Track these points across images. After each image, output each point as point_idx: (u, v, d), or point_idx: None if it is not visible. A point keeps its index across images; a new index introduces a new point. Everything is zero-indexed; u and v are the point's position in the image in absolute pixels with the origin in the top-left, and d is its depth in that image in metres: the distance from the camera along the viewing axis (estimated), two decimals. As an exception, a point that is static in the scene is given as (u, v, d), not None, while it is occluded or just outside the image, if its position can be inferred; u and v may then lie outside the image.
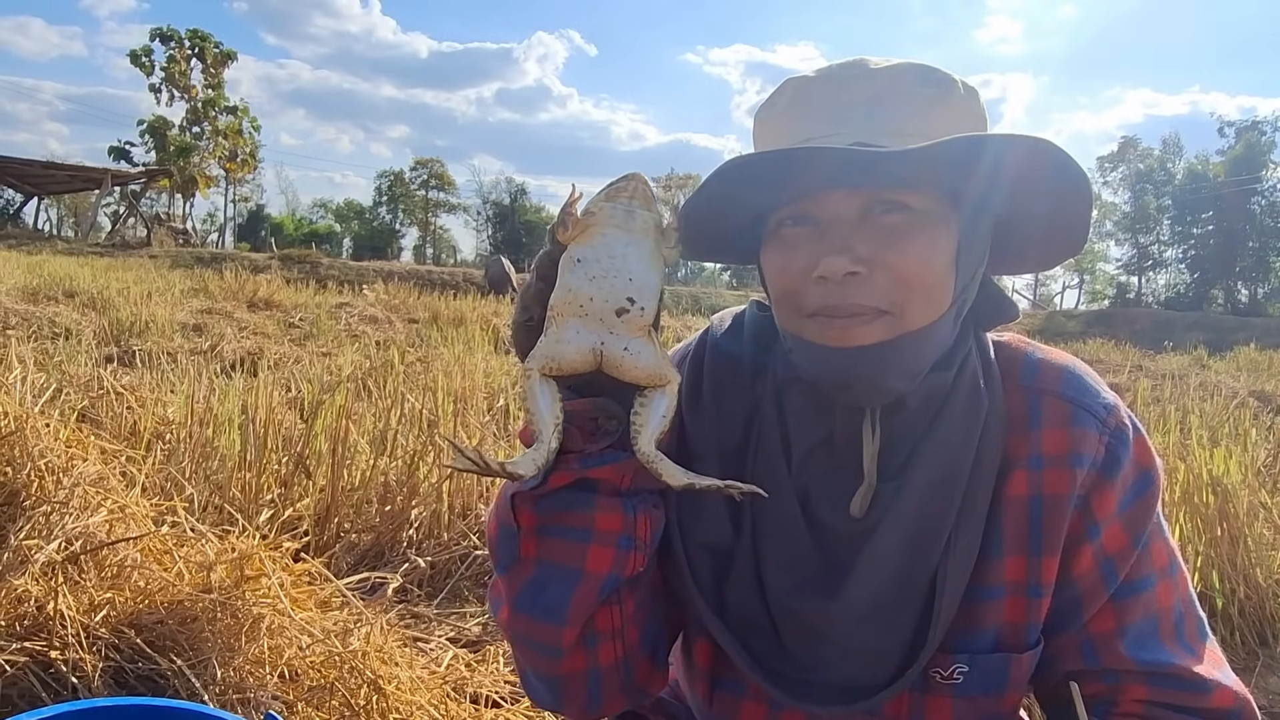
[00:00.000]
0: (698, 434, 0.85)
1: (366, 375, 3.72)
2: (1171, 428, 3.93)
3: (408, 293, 14.75)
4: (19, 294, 9.28)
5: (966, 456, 0.78)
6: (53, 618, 1.28)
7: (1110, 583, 0.79)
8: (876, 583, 0.77)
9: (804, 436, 0.81)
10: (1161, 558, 0.81)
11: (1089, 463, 0.78)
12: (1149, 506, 0.81)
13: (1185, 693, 0.78)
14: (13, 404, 1.63)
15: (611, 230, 0.66)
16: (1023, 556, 0.78)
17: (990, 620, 0.79)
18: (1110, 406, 0.81)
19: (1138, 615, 0.80)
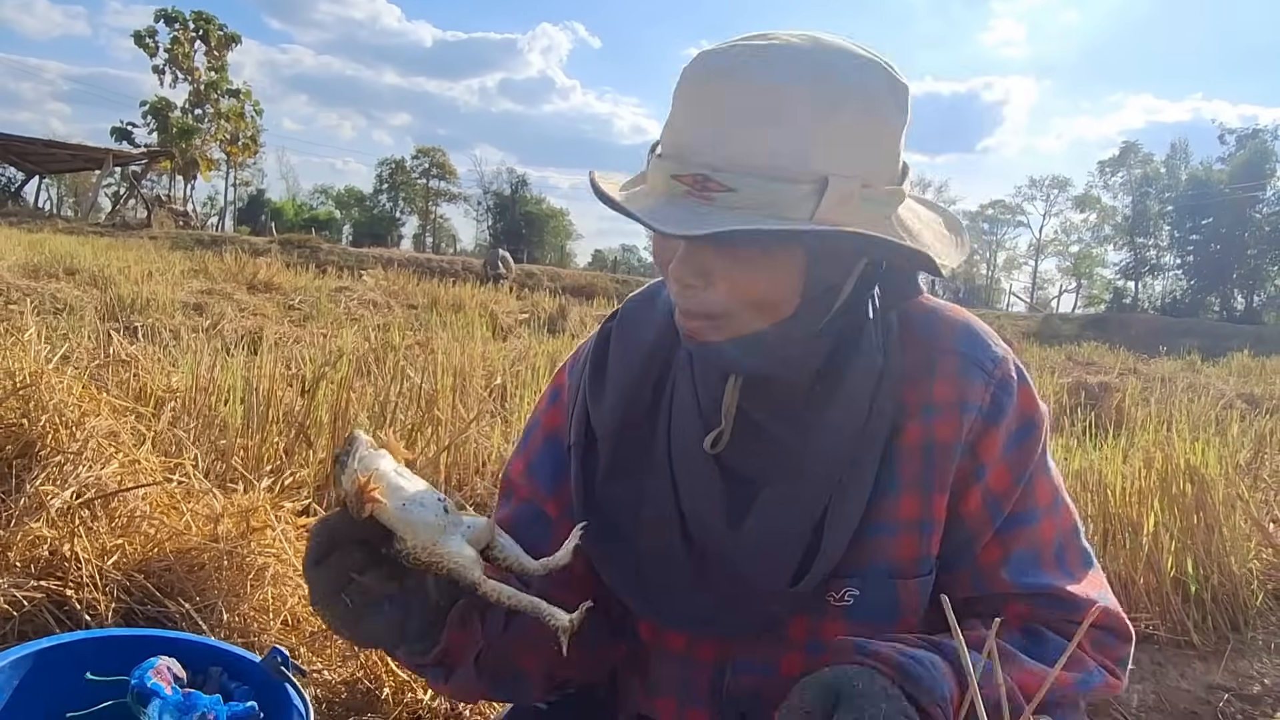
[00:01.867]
0: (599, 418, 0.95)
1: (368, 354, 3.77)
2: (1156, 425, 4.00)
3: (407, 279, 14.79)
4: (20, 270, 9.31)
5: (858, 417, 0.87)
6: (68, 559, 1.34)
7: (995, 518, 0.88)
8: (773, 518, 0.87)
9: (707, 388, 0.92)
10: (1045, 495, 0.90)
11: (975, 410, 0.87)
12: (1031, 449, 0.89)
13: (1060, 610, 0.87)
14: (28, 359, 1.68)
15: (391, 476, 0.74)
16: (917, 495, 0.87)
17: (884, 553, 0.87)
18: (997, 359, 0.90)
19: (1020, 546, 0.88)
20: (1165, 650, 2.32)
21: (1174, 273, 51.34)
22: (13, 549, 1.36)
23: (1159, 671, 2.25)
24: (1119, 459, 2.82)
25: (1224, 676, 2.26)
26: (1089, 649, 0.88)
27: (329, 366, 2.70)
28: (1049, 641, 0.87)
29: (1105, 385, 5.99)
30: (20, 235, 14.56)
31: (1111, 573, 2.38)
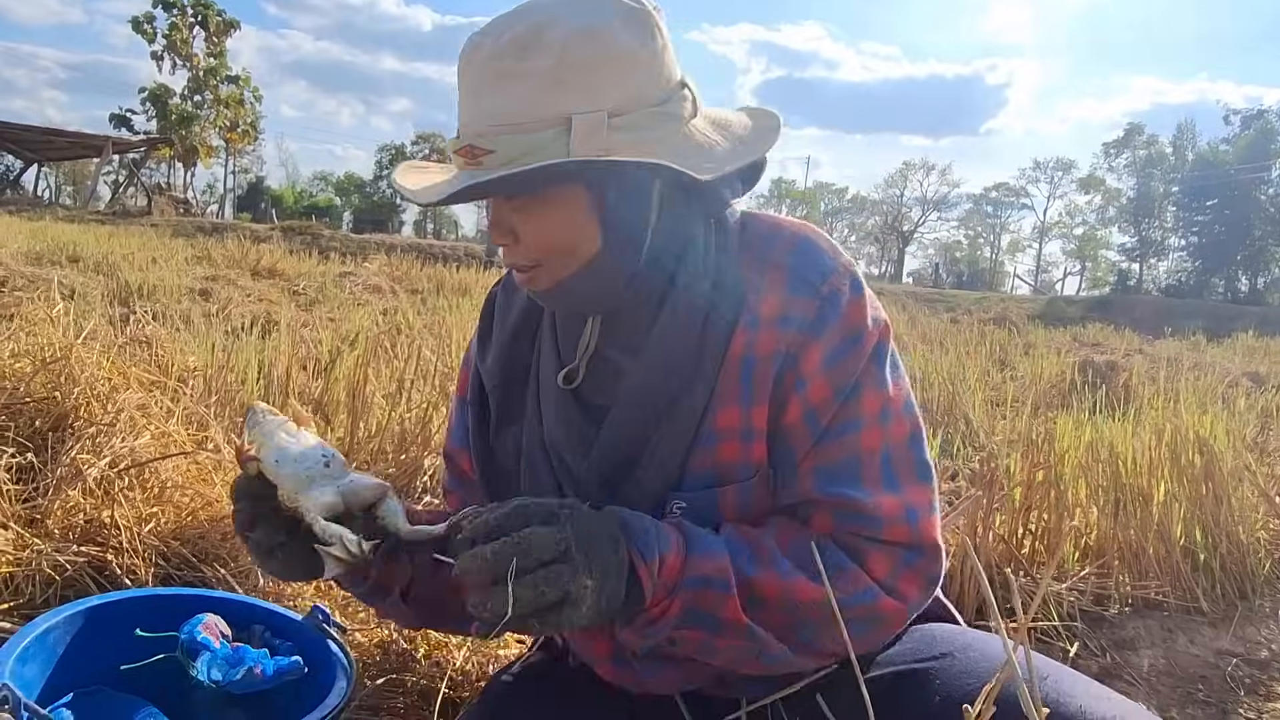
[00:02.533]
0: (486, 374, 1.05)
1: (381, 334, 3.80)
2: (1162, 403, 4.03)
3: (410, 264, 14.78)
4: (24, 258, 9.32)
5: (689, 336, 0.91)
6: (107, 526, 1.37)
7: (813, 430, 0.90)
8: (613, 443, 0.93)
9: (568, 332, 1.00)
10: (871, 406, 0.90)
11: (796, 324, 0.89)
12: (855, 362, 0.90)
13: (858, 524, 0.88)
14: (57, 334, 1.71)
15: (272, 438, 0.89)
16: (736, 406, 0.90)
17: (705, 463, 0.92)
18: (827, 273, 0.91)
19: (835, 456, 0.90)
20: (1175, 617, 2.35)
21: (1178, 254, 51.22)
22: (51, 517, 1.39)
23: (1169, 638, 2.28)
24: (1129, 432, 2.85)
25: (1232, 642, 2.29)
26: (884, 569, 0.88)
27: (346, 345, 2.72)
28: (830, 552, 0.88)
29: (1112, 364, 6.01)
30: (21, 223, 14.56)
31: (1122, 541, 2.41)
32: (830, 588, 0.84)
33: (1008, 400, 4.22)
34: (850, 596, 0.86)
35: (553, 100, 0.82)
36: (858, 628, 0.85)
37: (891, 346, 0.95)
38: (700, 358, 0.91)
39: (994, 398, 4.77)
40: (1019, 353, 8.30)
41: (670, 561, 0.82)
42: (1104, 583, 2.38)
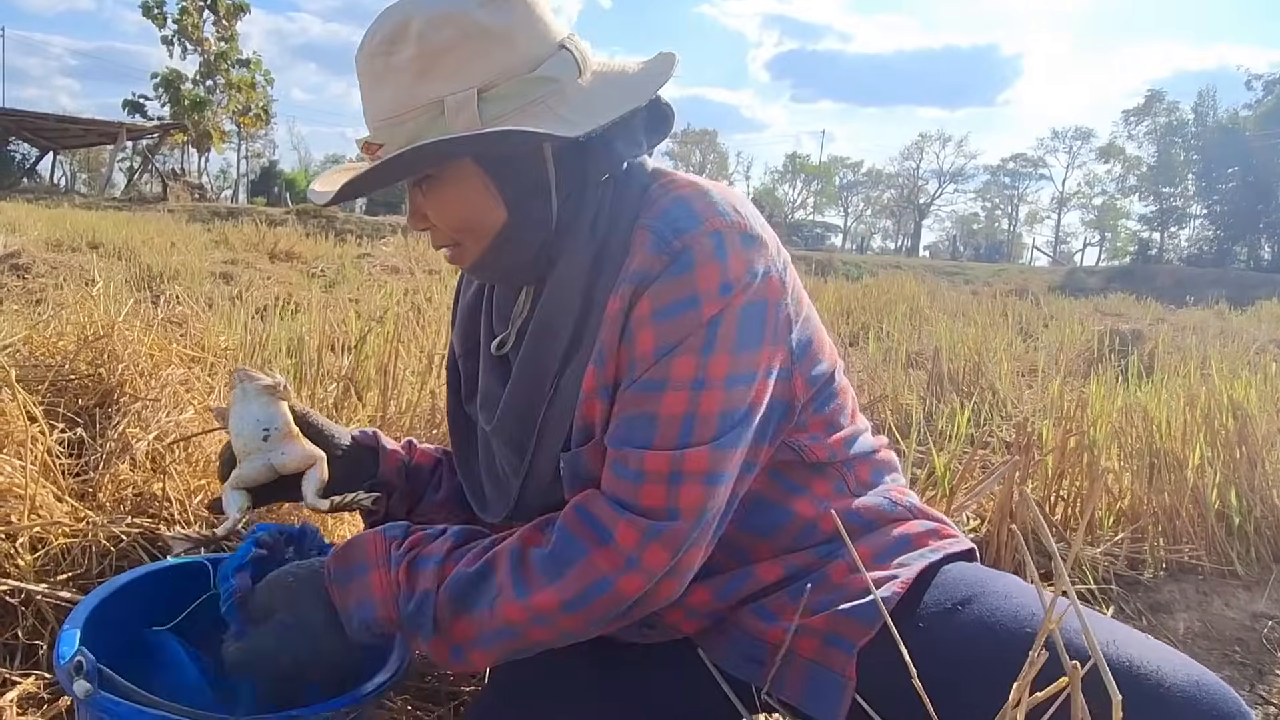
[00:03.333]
0: (455, 342, 1.14)
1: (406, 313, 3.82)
2: (1192, 369, 3.99)
3: (426, 244, 14.79)
4: (45, 244, 9.41)
5: (572, 298, 0.94)
6: (157, 498, 1.39)
7: (629, 379, 0.91)
8: (513, 404, 0.99)
9: (503, 302, 1.05)
10: (684, 372, 0.88)
11: (641, 277, 0.89)
12: (684, 324, 0.88)
13: (623, 481, 0.89)
14: (99, 311, 1.73)
15: (235, 405, 1.07)
16: (594, 366, 0.93)
17: (578, 422, 0.96)
18: (683, 230, 0.89)
19: (632, 408, 0.90)
20: (1210, 580, 2.35)
21: (1200, 222, 50.57)
22: (102, 490, 1.41)
23: (1204, 601, 2.27)
24: (1160, 397, 2.83)
25: (1268, 605, 2.28)
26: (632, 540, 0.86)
27: (376, 322, 2.74)
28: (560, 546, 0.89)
29: (1138, 332, 5.96)
30: (40, 211, 14.68)
31: (1157, 506, 2.41)
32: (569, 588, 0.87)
33: (1040, 369, 4.20)
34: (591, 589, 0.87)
35: (422, 88, 0.87)
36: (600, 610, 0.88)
37: (756, 312, 0.90)
38: (585, 320, 0.94)
39: (1018, 368, 4.74)
40: (1041, 324, 8.24)
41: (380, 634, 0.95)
42: (1138, 547, 2.37)
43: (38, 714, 1.14)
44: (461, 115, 0.87)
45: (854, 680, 0.91)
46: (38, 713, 1.14)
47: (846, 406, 1.08)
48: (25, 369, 1.58)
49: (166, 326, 2.71)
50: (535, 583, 0.87)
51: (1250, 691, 1.93)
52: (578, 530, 0.89)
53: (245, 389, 1.06)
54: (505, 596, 0.87)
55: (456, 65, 0.87)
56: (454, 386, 1.15)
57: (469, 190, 0.92)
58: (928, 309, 8.31)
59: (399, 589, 0.92)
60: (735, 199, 0.94)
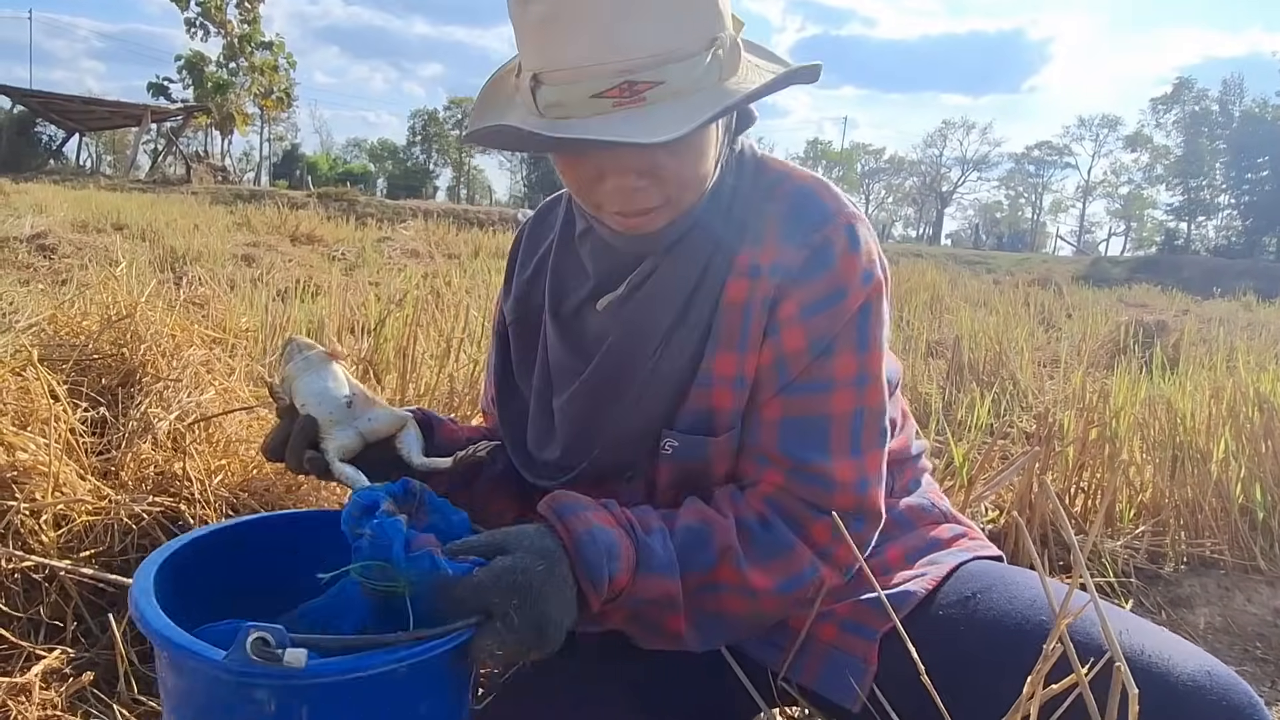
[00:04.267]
0: (508, 309, 1.09)
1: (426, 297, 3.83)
2: (1219, 361, 3.94)
3: (446, 229, 14.85)
4: (70, 225, 9.51)
5: (691, 274, 0.91)
6: (178, 477, 1.40)
7: (780, 377, 0.90)
8: (606, 369, 0.95)
9: (599, 263, 0.98)
10: (847, 370, 0.90)
11: (784, 271, 0.89)
12: (835, 319, 0.89)
13: (815, 487, 0.90)
14: (121, 293, 1.74)
15: (302, 377, 0.95)
16: (733, 353, 0.91)
17: (700, 405, 0.93)
18: (821, 223, 0.90)
19: (800, 412, 0.90)
20: (1232, 575, 2.32)
21: (1228, 213, 49.82)
22: (125, 469, 1.43)
23: (1226, 596, 2.25)
24: (1185, 390, 2.79)
25: (1292, 602, 2.26)
26: (826, 536, 0.90)
27: (395, 305, 2.75)
28: (774, 530, 0.89)
29: (1162, 324, 5.89)
30: (66, 192, 14.84)
31: (1179, 499, 2.38)
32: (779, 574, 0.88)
33: (1061, 360, 4.16)
34: (794, 578, 0.89)
35: (704, 22, 0.79)
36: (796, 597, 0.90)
37: (884, 306, 0.94)
38: (696, 294, 0.92)
39: (1039, 358, 4.70)
40: (1064, 314, 8.16)
41: (619, 579, 0.82)
42: (1159, 540, 2.35)
43: (61, 688, 1.16)
44: (730, 60, 0.81)
45: (875, 666, 0.91)
46: (61, 686, 1.16)
47: (899, 406, 1.11)
48: (50, 348, 1.60)
49: (189, 308, 2.74)
50: (751, 559, 0.88)
51: (1271, 688, 1.91)
52: (779, 523, 0.90)
53: (308, 358, 0.96)
54: (728, 559, 0.87)
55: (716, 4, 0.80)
56: (503, 352, 1.11)
57: (711, 142, 0.86)
58: (948, 298, 8.25)
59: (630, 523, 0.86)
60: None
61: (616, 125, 0.76)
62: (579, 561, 0.80)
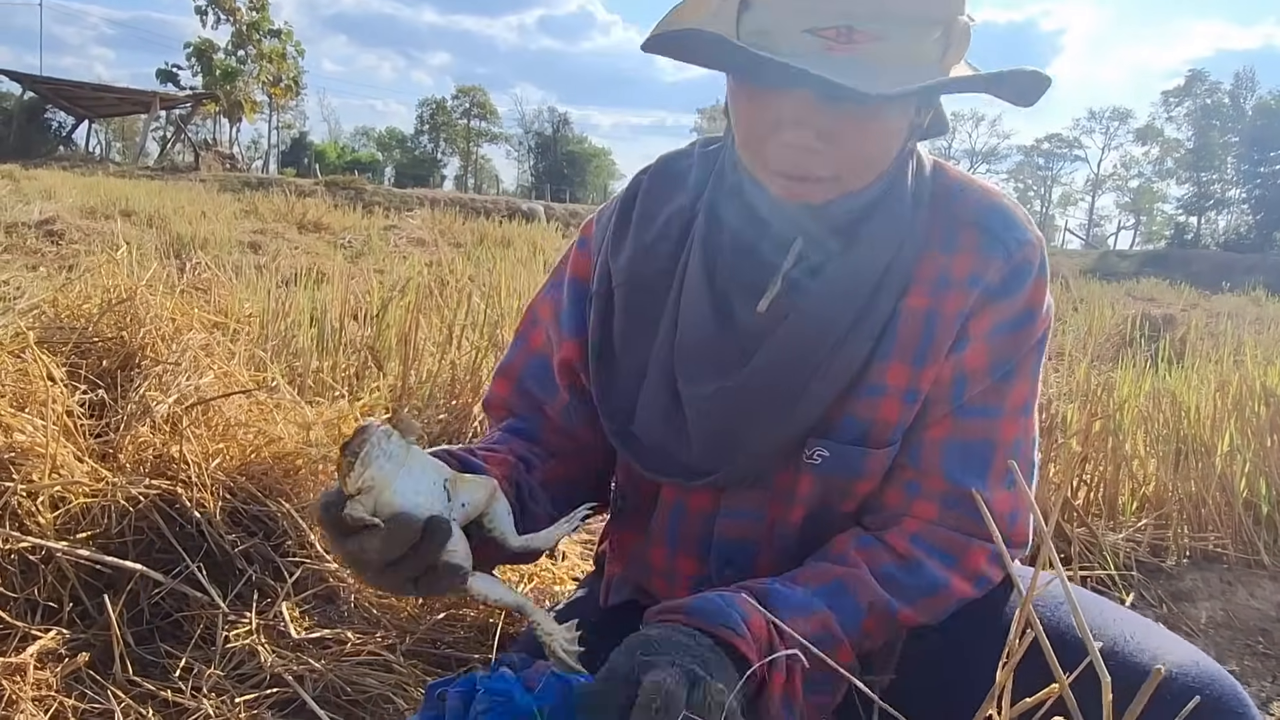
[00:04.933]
0: (616, 270, 0.95)
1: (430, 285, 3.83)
2: (1225, 355, 3.92)
3: (452, 218, 14.85)
4: (79, 211, 9.55)
5: (874, 273, 0.85)
6: (175, 461, 1.40)
7: (955, 396, 0.86)
8: (769, 370, 0.86)
9: (737, 242, 0.89)
10: (1019, 397, 0.88)
11: (982, 285, 0.85)
12: (1021, 342, 0.87)
13: (967, 516, 0.85)
14: (122, 276, 1.74)
15: (395, 479, 0.72)
16: (908, 365, 0.86)
17: (863, 414, 0.87)
18: (1023, 242, 0.87)
19: (968, 435, 0.87)
20: (1235, 570, 2.31)
21: (1239, 207, 49.48)
22: (123, 451, 1.43)
23: (1228, 590, 2.24)
24: (1190, 383, 2.78)
25: (1294, 597, 2.25)
26: (982, 561, 0.86)
27: (397, 292, 2.75)
28: (922, 572, 0.85)
29: (1170, 317, 5.86)
30: (74, 179, 14.90)
31: (1182, 493, 2.37)
32: (927, 613, 0.85)
33: (1066, 352, 4.14)
34: (946, 608, 0.87)
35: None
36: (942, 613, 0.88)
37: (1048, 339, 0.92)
38: (877, 294, 0.85)
39: (1046, 351, 4.67)
40: (1070, 307, 8.12)
41: (753, 624, 0.74)
42: (1162, 534, 2.34)
43: (57, 668, 1.16)
44: (959, 44, 0.75)
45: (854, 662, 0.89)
46: (57, 667, 1.16)
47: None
48: (50, 330, 1.60)
49: (192, 293, 2.73)
50: (900, 601, 0.85)
51: (1273, 683, 1.90)
52: (928, 562, 0.86)
53: (392, 452, 0.73)
54: (876, 610, 0.83)
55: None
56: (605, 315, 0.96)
57: (898, 126, 0.80)
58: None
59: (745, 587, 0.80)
60: None
61: (830, 67, 0.69)
62: (701, 615, 0.73)
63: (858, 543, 0.87)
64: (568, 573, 1.53)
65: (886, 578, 0.85)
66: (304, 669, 1.22)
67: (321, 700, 1.19)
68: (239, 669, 1.24)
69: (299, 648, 1.25)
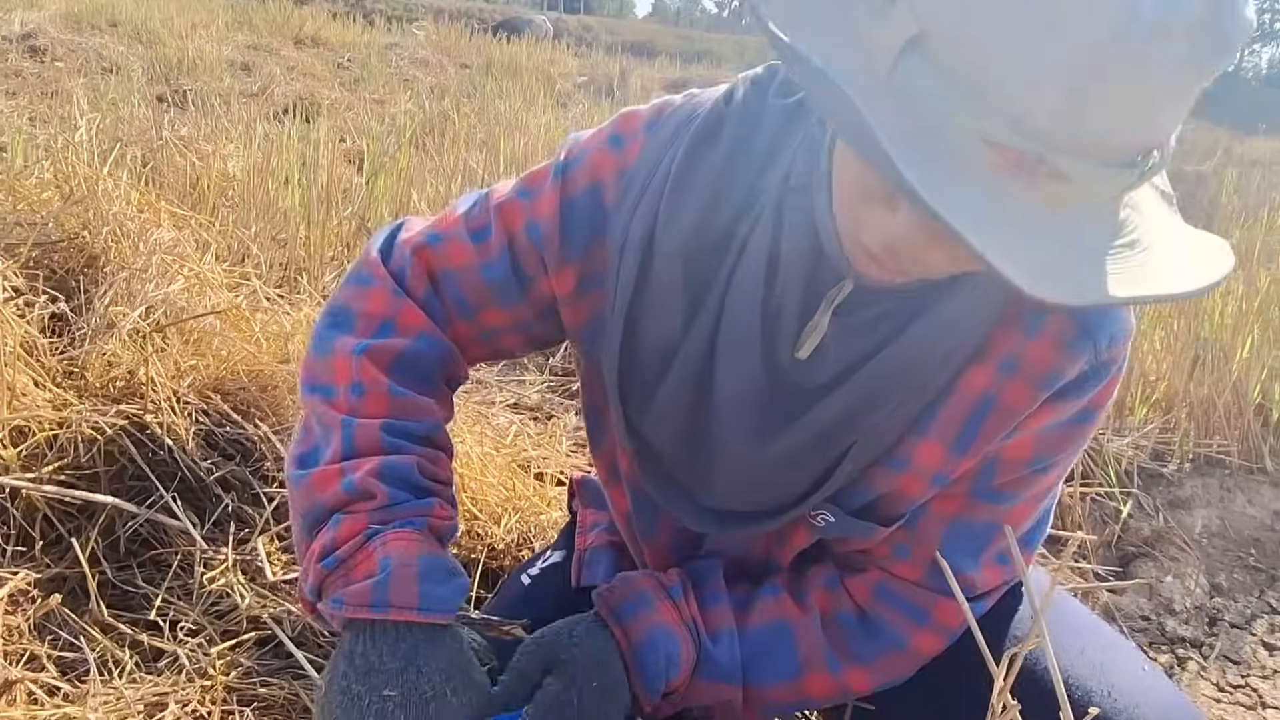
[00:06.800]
0: (667, 235, 0.76)
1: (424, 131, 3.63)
2: (1261, 231, 3.75)
3: (459, 34, 14.09)
4: (63, 22, 9.04)
5: (948, 344, 0.72)
6: (144, 383, 1.34)
7: (979, 480, 0.78)
8: (807, 436, 0.77)
9: (791, 266, 0.73)
10: (1045, 486, 0.80)
11: (1054, 382, 0.72)
12: (1070, 442, 0.77)
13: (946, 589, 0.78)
14: (81, 164, 1.62)
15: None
16: (944, 447, 0.75)
17: (879, 485, 0.78)
18: (1115, 338, 0.72)
19: (976, 517, 0.79)
20: (1236, 475, 2.29)
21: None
22: (89, 369, 1.37)
23: (1227, 497, 2.23)
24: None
25: (1305, 501, 2.24)
26: (954, 618, 0.81)
27: (387, 156, 2.59)
28: (880, 631, 0.82)
29: (1201, 175, 5.61)
30: (59, -19, 14.05)
31: (1195, 397, 2.31)
32: (884, 674, 0.82)
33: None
34: (904, 673, 0.83)
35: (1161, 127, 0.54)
36: (901, 676, 0.85)
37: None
38: (934, 373, 0.73)
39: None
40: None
41: (674, 683, 0.79)
42: (1167, 438, 2.30)
43: (29, 609, 1.14)
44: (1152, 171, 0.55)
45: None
46: (30, 607, 1.15)
47: None
48: (7, 226, 1.50)
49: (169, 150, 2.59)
50: (848, 659, 0.82)
51: (1259, 598, 1.91)
52: (889, 615, 0.82)
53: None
54: (815, 667, 0.81)
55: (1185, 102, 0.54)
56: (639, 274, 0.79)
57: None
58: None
59: (695, 623, 0.81)
60: None
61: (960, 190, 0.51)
62: (635, 671, 0.77)
63: (826, 583, 0.84)
64: (556, 500, 1.50)
65: (838, 626, 0.82)
66: (282, 612, 1.20)
67: (299, 642, 1.18)
68: (215, 607, 1.22)
69: (275, 588, 1.23)
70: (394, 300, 0.81)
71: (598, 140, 0.81)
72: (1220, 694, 1.62)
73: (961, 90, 0.50)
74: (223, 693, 1.09)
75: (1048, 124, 0.49)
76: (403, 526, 0.71)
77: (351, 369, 0.76)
